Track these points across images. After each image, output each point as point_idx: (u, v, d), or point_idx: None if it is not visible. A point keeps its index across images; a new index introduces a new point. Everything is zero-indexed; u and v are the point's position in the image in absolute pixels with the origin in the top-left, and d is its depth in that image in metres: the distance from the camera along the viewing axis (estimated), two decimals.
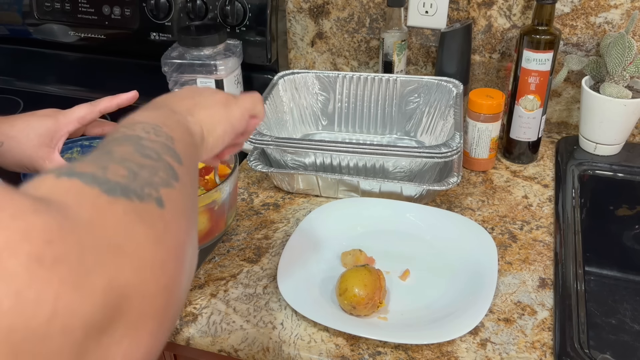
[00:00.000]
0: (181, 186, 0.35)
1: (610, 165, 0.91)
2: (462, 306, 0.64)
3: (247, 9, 1.00)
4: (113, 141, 0.37)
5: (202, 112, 0.48)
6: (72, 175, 0.29)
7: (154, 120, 0.41)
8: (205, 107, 0.49)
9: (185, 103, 0.48)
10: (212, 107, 0.50)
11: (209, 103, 0.50)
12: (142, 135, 0.38)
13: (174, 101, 0.48)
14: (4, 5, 1.16)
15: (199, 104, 0.49)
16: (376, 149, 0.78)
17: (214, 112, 0.49)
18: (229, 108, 0.51)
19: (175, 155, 0.38)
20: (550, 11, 0.83)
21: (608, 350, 0.85)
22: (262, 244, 0.77)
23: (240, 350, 0.62)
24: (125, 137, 0.37)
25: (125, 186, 0.30)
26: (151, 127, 0.39)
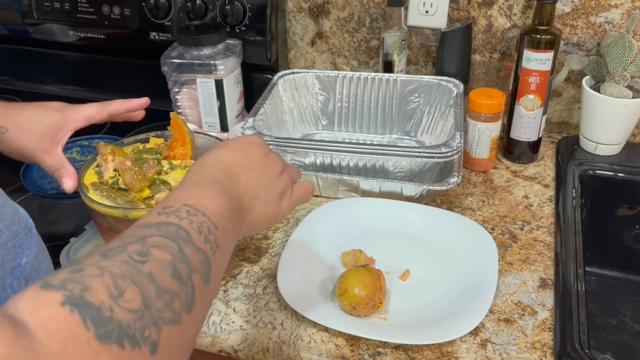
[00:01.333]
0: (190, 319, 0.35)
1: (611, 165, 0.91)
2: (462, 306, 0.64)
3: (247, 8, 1.00)
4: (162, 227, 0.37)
5: (259, 209, 0.49)
6: (75, 307, 0.28)
7: (217, 217, 0.41)
8: (265, 202, 0.49)
9: (253, 189, 0.48)
10: (269, 203, 0.50)
11: (270, 196, 0.50)
12: (193, 237, 0.38)
13: (245, 181, 0.48)
14: (4, 5, 1.16)
15: (261, 197, 0.49)
16: (376, 149, 0.78)
17: (268, 209, 0.50)
18: (282, 203, 0.52)
19: (207, 272, 0.38)
20: (550, 11, 0.83)
21: (608, 351, 0.85)
22: (262, 244, 0.77)
23: (240, 351, 0.62)
24: (176, 231, 0.37)
25: (125, 328, 0.30)
26: (207, 228, 0.40)
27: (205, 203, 0.41)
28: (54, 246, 0.71)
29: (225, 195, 0.44)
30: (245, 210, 0.47)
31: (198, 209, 0.40)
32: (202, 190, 0.43)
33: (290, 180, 0.53)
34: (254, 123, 0.83)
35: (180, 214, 0.39)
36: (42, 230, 0.80)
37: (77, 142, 1.01)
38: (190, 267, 0.36)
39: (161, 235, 0.36)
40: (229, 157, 0.49)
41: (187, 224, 0.39)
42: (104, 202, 0.63)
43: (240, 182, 0.47)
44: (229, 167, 0.48)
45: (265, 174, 0.50)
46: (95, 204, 0.63)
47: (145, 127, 0.97)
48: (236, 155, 0.49)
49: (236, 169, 0.48)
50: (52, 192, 0.87)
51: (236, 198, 0.46)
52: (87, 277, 0.30)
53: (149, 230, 0.37)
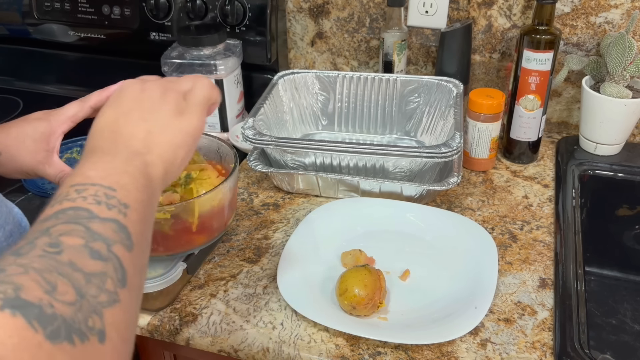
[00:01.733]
0: (128, 292, 0.34)
1: (611, 165, 0.91)
2: (462, 306, 0.64)
3: (247, 8, 1.00)
4: (61, 217, 0.35)
5: (159, 142, 0.45)
6: (16, 309, 0.27)
7: (108, 179, 0.39)
8: (161, 130, 0.45)
9: (139, 129, 0.45)
10: (167, 127, 0.46)
11: (163, 121, 0.46)
12: (94, 211, 0.36)
13: (126, 128, 0.44)
14: (4, 5, 1.16)
15: (153, 129, 0.45)
16: (376, 149, 0.78)
17: (171, 134, 0.45)
18: (183, 117, 0.47)
19: (127, 237, 0.36)
20: (550, 11, 0.83)
21: (608, 351, 0.85)
22: (262, 244, 0.77)
23: (240, 351, 0.62)
24: (74, 213, 0.35)
25: (69, 323, 0.28)
26: (103, 194, 0.37)
27: (90, 174, 0.39)
28: None
29: (107, 156, 0.42)
30: (144, 153, 0.43)
31: (85, 182, 0.38)
32: (83, 165, 0.41)
33: (178, 93, 0.49)
34: (254, 123, 0.83)
35: (71, 195, 0.37)
36: None
37: (77, 142, 1.01)
38: (106, 241, 0.35)
39: (63, 222, 0.35)
40: (102, 121, 0.46)
41: (81, 201, 0.36)
42: None
43: (122, 133, 0.44)
44: (103, 130, 0.45)
45: (143, 108, 0.46)
46: None
47: None
48: (107, 114, 0.46)
49: (111, 125, 0.45)
50: (52, 192, 0.87)
51: (123, 150, 0.43)
52: (13, 276, 0.29)
53: (49, 222, 0.35)
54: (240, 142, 0.95)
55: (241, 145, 0.94)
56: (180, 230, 0.63)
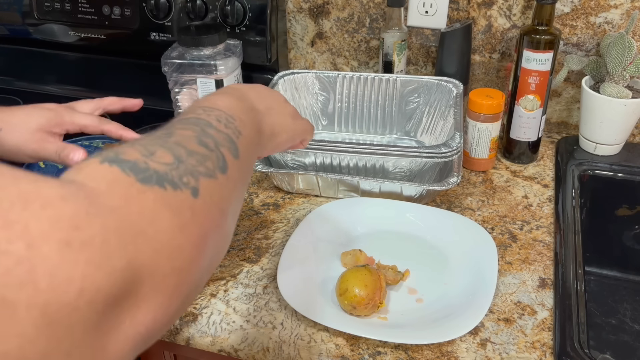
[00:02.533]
0: (226, 179, 0.37)
1: (610, 165, 0.91)
2: (462, 306, 0.64)
3: (247, 9, 1.00)
4: (182, 121, 0.39)
5: (276, 117, 0.52)
6: (114, 163, 0.31)
7: (232, 111, 0.43)
8: (280, 113, 0.53)
9: (265, 102, 0.51)
10: (284, 116, 0.54)
11: (282, 111, 0.54)
12: (213, 123, 0.40)
13: (255, 97, 0.51)
14: (4, 5, 1.16)
15: (274, 108, 0.52)
16: (376, 149, 0.78)
17: (285, 120, 0.54)
18: (295, 122, 0.56)
19: (235, 149, 0.40)
20: (550, 11, 0.83)
21: (608, 350, 0.85)
22: (262, 244, 0.77)
23: (240, 350, 0.62)
24: (196, 120, 0.40)
25: (163, 175, 0.32)
26: (225, 117, 0.42)
27: (218, 103, 0.44)
28: None
29: (235, 98, 0.47)
30: (261, 113, 0.49)
31: (212, 107, 0.43)
32: (213, 96, 0.46)
33: (295, 110, 0.57)
34: None
35: (198, 112, 0.41)
36: None
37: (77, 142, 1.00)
38: (216, 141, 0.38)
39: (183, 123, 0.39)
40: (231, 87, 0.52)
41: (205, 116, 0.41)
42: None
43: (249, 97, 0.50)
44: (234, 88, 0.51)
45: (271, 97, 0.54)
46: None
47: (145, 127, 0.97)
48: (237, 86, 0.53)
49: (241, 90, 0.51)
50: None
51: (247, 102, 0.48)
52: (119, 148, 0.34)
53: (170, 123, 0.39)
54: None
55: None
56: None
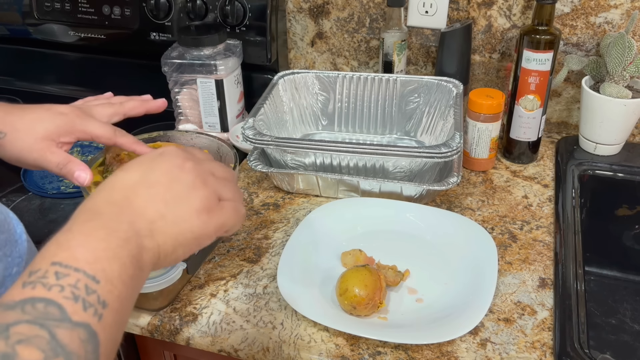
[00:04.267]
0: None
1: (610, 165, 0.91)
2: (462, 306, 0.64)
3: (247, 9, 1.00)
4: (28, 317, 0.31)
5: (165, 231, 0.40)
6: None
7: (95, 266, 0.35)
8: (174, 221, 0.41)
9: (153, 210, 0.40)
10: (181, 222, 0.41)
11: (181, 213, 0.41)
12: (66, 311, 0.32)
13: (141, 201, 0.40)
14: (4, 5, 1.16)
15: (167, 217, 0.41)
16: (376, 149, 0.78)
17: (181, 230, 0.41)
18: (205, 222, 0.43)
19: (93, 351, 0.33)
20: (550, 11, 0.83)
21: (608, 350, 0.85)
22: (262, 244, 0.77)
23: (240, 350, 0.62)
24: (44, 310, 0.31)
25: None
26: (84, 286, 0.33)
27: (78, 253, 0.35)
28: None
29: (103, 230, 0.37)
30: (144, 236, 0.39)
31: (69, 264, 0.34)
32: (74, 236, 0.36)
33: (214, 194, 0.44)
34: (254, 123, 0.83)
35: (48, 279, 0.33)
36: (42, 230, 0.81)
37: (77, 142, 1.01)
38: (68, 357, 0.31)
39: (27, 322, 0.31)
40: (122, 179, 0.41)
41: (57, 292, 0.32)
42: None
43: (133, 205, 0.40)
44: (117, 190, 0.41)
45: (170, 189, 0.41)
46: None
47: (145, 127, 0.97)
48: (131, 174, 0.42)
49: (127, 190, 0.40)
50: (53, 192, 0.87)
51: (124, 225, 0.38)
52: None
53: (13, 314, 0.31)
54: (240, 142, 0.95)
55: (241, 145, 0.95)
56: None
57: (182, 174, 0.43)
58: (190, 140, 0.77)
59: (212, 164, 0.47)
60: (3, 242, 0.42)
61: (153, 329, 0.65)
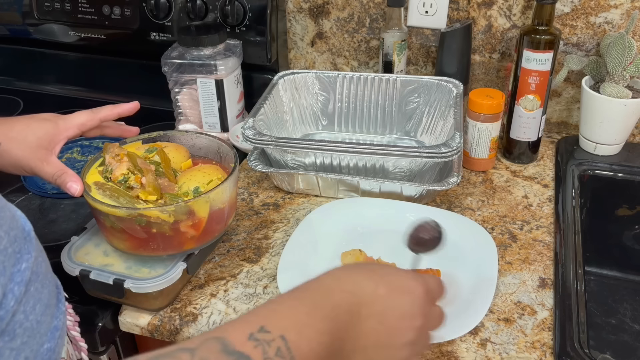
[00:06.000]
0: None
1: (610, 165, 0.91)
2: (462, 306, 0.64)
3: (247, 9, 1.00)
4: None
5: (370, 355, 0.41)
6: None
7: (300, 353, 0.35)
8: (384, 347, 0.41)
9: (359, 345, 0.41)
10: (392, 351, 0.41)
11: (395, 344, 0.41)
12: None
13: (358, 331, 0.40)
14: (4, 5, 1.16)
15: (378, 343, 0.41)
16: (376, 149, 0.78)
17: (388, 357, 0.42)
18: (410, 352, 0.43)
19: None
20: (550, 11, 0.83)
21: (608, 350, 0.85)
22: (262, 244, 0.77)
23: None
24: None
25: None
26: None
27: (302, 345, 0.36)
28: (54, 246, 0.71)
29: (327, 337, 0.38)
30: (338, 356, 0.40)
31: (291, 349, 0.35)
32: (310, 324, 0.37)
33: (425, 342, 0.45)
34: (254, 123, 0.83)
35: (269, 351, 0.34)
36: (42, 230, 0.81)
37: (77, 142, 1.01)
38: None
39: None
40: (368, 294, 0.41)
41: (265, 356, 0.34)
42: (106, 202, 0.64)
43: (356, 328, 0.40)
44: (358, 304, 0.41)
45: (390, 336, 0.42)
46: (98, 203, 0.63)
47: (145, 127, 0.97)
48: (379, 296, 0.42)
49: (365, 310, 0.41)
50: (53, 192, 0.87)
51: (338, 343, 0.39)
52: None
53: None
54: (240, 142, 0.95)
55: (241, 145, 0.95)
56: (180, 230, 0.63)
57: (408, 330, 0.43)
58: (191, 140, 0.76)
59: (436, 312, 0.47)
60: (13, 239, 0.43)
61: (153, 329, 0.65)
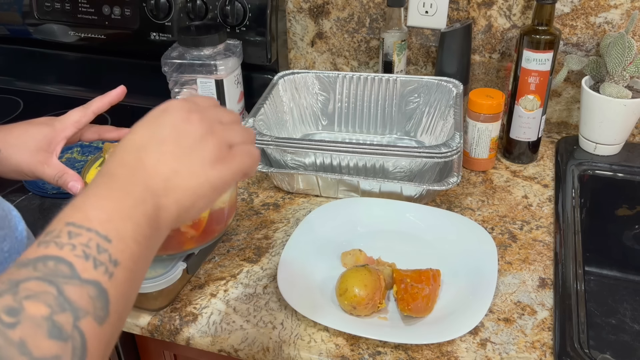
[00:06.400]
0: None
1: (610, 165, 0.91)
2: (462, 306, 0.64)
3: (247, 9, 1.00)
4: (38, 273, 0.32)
5: (181, 186, 0.40)
6: None
7: (108, 225, 0.35)
8: (189, 175, 0.41)
9: (166, 167, 0.40)
10: (196, 175, 0.41)
11: (194, 166, 0.41)
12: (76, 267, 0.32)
13: (152, 160, 0.40)
14: (4, 5, 1.16)
15: (181, 171, 0.40)
16: (376, 149, 0.78)
17: (197, 182, 0.41)
18: (215, 169, 0.42)
19: (102, 307, 0.33)
20: (550, 11, 0.83)
21: (608, 350, 0.85)
22: (262, 244, 0.77)
23: (240, 350, 0.62)
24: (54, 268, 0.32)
25: None
26: (96, 245, 0.34)
27: (91, 214, 0.35)
28: None
29: (118, 192, 0.38)
30: (161, 195, 0.39)
31: (82, 224, 0.35)
32: (89, 198, 0.37)
33: (223, 141, 0.44)
34: (254, 123, 0.83)
35: (61, 239, 0.34)
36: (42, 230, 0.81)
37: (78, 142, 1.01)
38: (75, 312, 0.31)
39: (37, 279, 0.31)
40: (132, 140, 0.41)
41: (68, 251, 0.33)
42: None
43: (145, 165, 0.40)
44: (129, 152, 0.41)
45: (180, 144, 0.41)
46: None
47: None
48: (140, 134, 0.42)
49: (138, 151, 0.41)
50: (53, 192, 0.87)
51: (139, 185, 0.39)
52: None
53: (25, 271, 0.32)
54: None
55: None
56: (180, 230, 0.63)
57: (189, 126, 0.42)
58: None
59: (217, 111, 0.46)
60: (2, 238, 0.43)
61: (153, 329, 0.65)
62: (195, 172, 0.41)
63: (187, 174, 0.41)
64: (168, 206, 0.40)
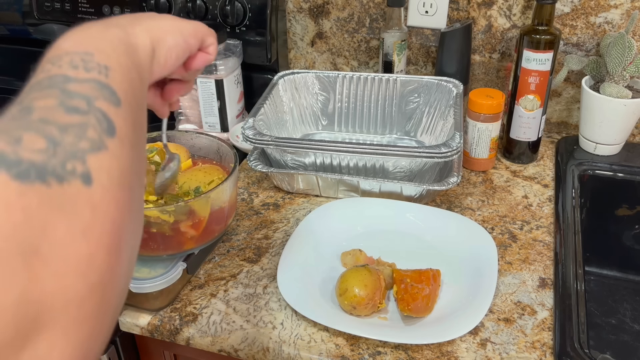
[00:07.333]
0: (119, 143, 0.31)
1: (610, 165, 0.91)
2: (462, 306, 0.64)
3: (247, 9, 1.00)
4: (35, 87, 0.32)
5: (147, 21, 0.42)
6: None
7: (84, 46, 0.35)
8: (151, 17, 0.43)
9: (125, 17, 0.42)
10: (159, 18, 0.43)
11: (155, 15, 0.44)
12: (69, 75, 0.32)
13: (110, 19, 0.41)
14: (4, 5, 1.16)
15: (142, 16, 0.42)
16: (376, 149, 0.78)
17: (162, 22, 0.43)
18: (179, 20, 0.45)
19: (111, 94, 0.33)
20: (550, 11, 0.83)
21: (608, 350, 0.85)
22: (262, 244, 0.77)
23: (240, 350, 0.62)
24: (49, 79, 0.32)
25: (41, 166, 0.26)
26: (80, 59, 0.34)
27: (64, 45, 0.36)
28: None
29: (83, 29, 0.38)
30: (125, 25, 0.40)
31: (59, 54, 0.35)
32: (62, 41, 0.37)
33: None
34: (254, 123, 0.83)
35: (45, 67, 0.34)
36: None
37: None
38: (86, 97, 0.31)
39: (36, 91, 0.31)
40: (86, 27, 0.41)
41: (56, 70, 0.33)
42: None
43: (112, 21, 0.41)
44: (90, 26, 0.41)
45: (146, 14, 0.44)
46: None
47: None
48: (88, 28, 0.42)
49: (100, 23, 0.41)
50: None
51: (102, 22, 0.39)
52: None
53: (22, 96, 0.32)
54: (240, 142, 0.95)
55: (241, 145, 0.95)
56: (180, 230, 0.63)
57: None
58: (190, 140, 0.76)
59: None
60: None
61: (153, 329, 0.65)
62: (157, 17, 0.44)
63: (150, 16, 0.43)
64: (136, 33, 0.40)
